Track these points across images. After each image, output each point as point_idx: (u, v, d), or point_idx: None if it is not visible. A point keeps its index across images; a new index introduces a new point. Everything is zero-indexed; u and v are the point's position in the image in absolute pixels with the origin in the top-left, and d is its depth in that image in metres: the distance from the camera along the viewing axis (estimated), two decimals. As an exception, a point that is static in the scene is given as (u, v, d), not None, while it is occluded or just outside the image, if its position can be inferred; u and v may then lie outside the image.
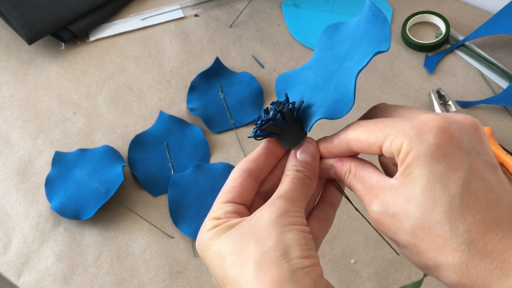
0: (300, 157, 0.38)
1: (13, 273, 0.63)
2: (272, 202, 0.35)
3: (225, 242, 0.35)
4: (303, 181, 0.37)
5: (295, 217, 0.35)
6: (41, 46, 0.81)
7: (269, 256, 0.32)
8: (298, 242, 0.33)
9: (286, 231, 0.33)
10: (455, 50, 0.77)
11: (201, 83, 0.75)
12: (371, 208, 0.35)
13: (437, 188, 0.31)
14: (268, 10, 0.83)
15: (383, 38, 0.35)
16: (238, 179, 0.38)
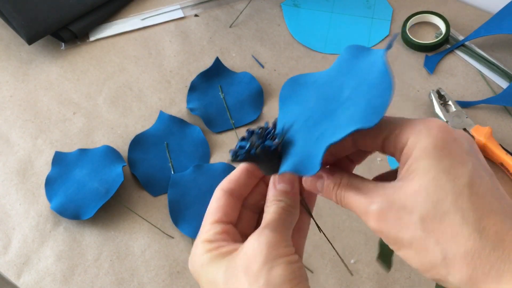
0: (279, 187, 0.39)
1: (13, 273, 0.63)
2: (260, 233, 0.36)
3: (217, 273, 0.36)
4: (286, 209, 0.38)
5: (284, 247, 0.35)
6: (41, 46, 0.81)
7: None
8: (287, 278, 0.34)
9: (275, 266, 0.34)
10: (455, 50, 0.77)
11: (201, 83, 0.75)
12: (372, 208, 0.34)
13: (446, 179, 0.31)
14: (268, 10, 0.83)
15: (375, 112, 0.32)
16: (221, 199, 0.39)
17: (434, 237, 0.31)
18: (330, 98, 0.37)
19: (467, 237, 0.30)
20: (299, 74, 0.41)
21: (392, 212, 0.32)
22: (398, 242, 0.33)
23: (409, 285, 0.61)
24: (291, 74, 0.76)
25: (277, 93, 0.75)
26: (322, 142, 0.34)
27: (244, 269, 0.35)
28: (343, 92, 0.36)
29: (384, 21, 0.81)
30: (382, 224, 0.33)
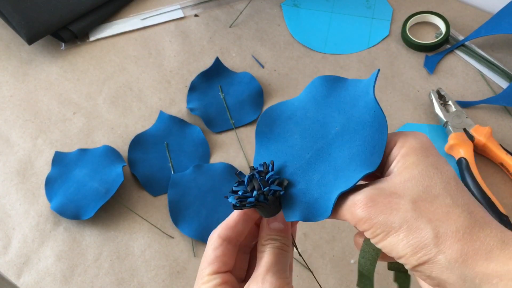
0: (273, 225, 0.39)
1: (13, 273, 0.63)
2: (263, 278, 0.36)
3: None
4: (282, 249, 0.38)
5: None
6: (41, 46, 0.81)
7: None
8: None
9: None
10: (455, 50, 0.77)
11: (201, 83, 0.75)
12: (359, 197, 0.33)
13: (434, 171, 0.33)
14: (268, 10, 0.83)
15: (376, 152, 0.34)
16: (219, 248, 0.39)
17: (425, 217, 0.32)
18: (317, 136, 0.37)
19: (458, 215, 0.32)
20: (271, 106, 0.39)
21: (382, 198, 0.33)
22: (388, 226, 0.32)
23: (409, 285, 0.61)
24: (291, 74, 0.76)
25: (277, 93, 0.75)
26: (329, 189, 0.35)
27: None
28: (330, 128, 0.36)
29: (384, 21, 0.81)
30: (371, 209, 0.33)
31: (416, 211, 0.32)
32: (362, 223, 0.33)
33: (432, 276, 0.32)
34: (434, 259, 0.31)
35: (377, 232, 0.33)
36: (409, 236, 0.32)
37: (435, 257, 0.31)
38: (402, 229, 0.32)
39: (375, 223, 0.33)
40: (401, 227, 0.32)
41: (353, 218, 0.34)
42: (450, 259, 0.31)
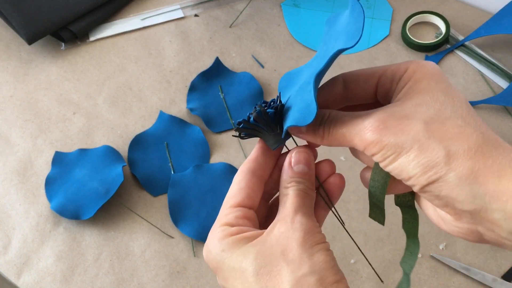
0: (297, 168, 0.37)
1: (13, 273, 0.63)
2: (292, 218, 0.35)
3: (245, 259, 0.34)
4: (307, 192, 0.37)
5: (318, 233, 0.35)
6: (41, 46, 0.81)
7: (305, 281, 0.32)
8: (330, 265, 0.33)
9: (316, 253, 0.33)
10: (455, 50, 0.77)
11: (201, 83, 0.75)
12: (368, 121, 0.33)
13: (445, 96, 0.33)
14: (268, 10, 0.83)
15: (354, 33, 0.33)
16: (243, 180, 0.38)
17: (437, 137, 0.32)
18: (319, 61, 0.37)
19: (470, 134, 0.31)
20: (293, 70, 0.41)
21: (392, 120, 0.33)
22: (399, 147, 0.32)
23: (409, 285, 0.61)
24: (291, 74, 0.76)
25: (277, 93, 0.75)
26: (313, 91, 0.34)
27: (281, 256, 0.33)
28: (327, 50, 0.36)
29: (384, 21, 0.81)
30: (382, 131, 0.32)
31: (427, 132, 0.32)
32: (372, 146, 0.33)
33: (441, 195, 0.31)
34: (445, 177, 0.31)
35: (387, 154, 0.32)
36: (420, 156, 0.31)
37: (446, 175, 0.31)
38: (413, 149, 0.32)
39: (385, 144, 0.32)
40: (412, 147, 0.32)
41: (363, 142, 0.33)
42: (461, 176, 0.31)
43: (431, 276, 0.61)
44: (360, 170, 0.40)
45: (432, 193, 0.32)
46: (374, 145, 0.33)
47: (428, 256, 0.62)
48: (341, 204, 0.66)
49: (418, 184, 0.32)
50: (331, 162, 0.39)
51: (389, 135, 0.32)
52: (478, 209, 0.31)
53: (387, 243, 0.63)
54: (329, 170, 0.39)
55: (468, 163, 0.31)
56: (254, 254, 0.34)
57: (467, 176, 0.30)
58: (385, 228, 0.64)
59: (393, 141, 0.32)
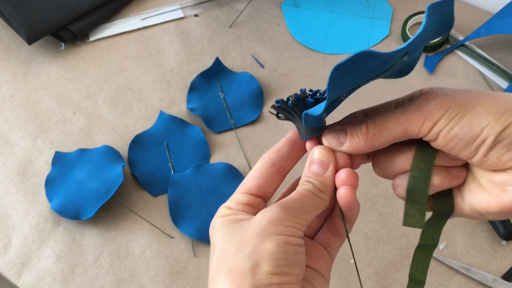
0: (312, 167, 0.36)
1: (13, 273, 0.63)
2: (269, 208, 0.34)
3: (221, 236, 0.34)
4: (311, 192, 0.35)
5: (287, 226, 0.33)
6: (41, 46, 0.81)
7: (240, 266, 0.31)
8: (273, 255, 0.31)
9: (267, 241, 0.32)
10: (455, 50, 0.77)
11: (201, 83, 0.75)
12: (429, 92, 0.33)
13: None
14: (268, 10, 0.83)
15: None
16: (259, 170, 0.37)
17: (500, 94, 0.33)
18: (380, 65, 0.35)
19: None
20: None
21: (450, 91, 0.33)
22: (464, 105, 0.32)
23: (409, 285, 0.61)
24: (291, 74, 0.76)
25: (277, 93, 0.75)
26: None
27: (239, 238, 0.33)
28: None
29: (384, 21, 0.81)
30: (444, 95, 0.33)
31: (487, 92, 0.32)
32: (436, 110, 0.33)
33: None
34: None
35: (453, 115, 0.32)
36: (489, 106, 0.32)
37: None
38: (480, 103, 0.32)
39: (450, 105, 0.32)
40: (478, 102, 0.32)
41: (423, 112, 0.33)
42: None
43: (431, 276, 0.61)
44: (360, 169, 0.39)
45: (504, 142, 0.32)
46: (438, 108, 0.33)
47: (428, 256, 0.62)
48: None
49: (493, 132, 0.31)
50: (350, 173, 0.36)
51: (451, 97, 0.33)
52: None
53: (387, 243, 0.63)
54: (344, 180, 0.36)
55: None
56: (227, 234, 0.34)
57: None
58: (385, 228, 0.64)
59: (458, 100, 0.32)
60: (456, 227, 0.64)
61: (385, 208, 0.65)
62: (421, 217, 0.36)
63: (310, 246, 0.37)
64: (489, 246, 0.62)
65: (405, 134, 0.34)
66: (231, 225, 0.34)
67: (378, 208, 0.65)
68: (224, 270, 0.32)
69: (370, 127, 0.35)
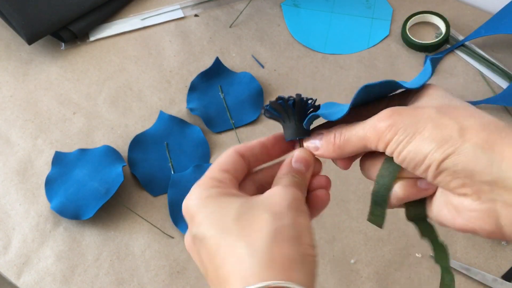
0: (295, 165, 0.39)
1: (13, 273, 0.63)
2: (285, 186, 0.36)
3: (229, 206, 0.34)
4: (297, 185, 0.38)
5: (305, 206, 0.36)
6: (41, 46, 0.81)
7: (285, 231, 0.33)
8: (309, 230, 0.34)
9: (301, 215, 0.34)
10: (455, 50, 0.77)
11: (201, 83, 0.75)
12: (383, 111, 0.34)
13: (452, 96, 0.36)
14: (268, 10, 0.83)
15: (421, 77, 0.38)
16: (232, 156, 0.39)
17: (450, 116, 0.33)
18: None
19: (482, 116, 0.33)
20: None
21: (406, 110, 0.34)
22: (413, 128, 0.33)
23: (409, 285, 0.61)
24: (291, 74, 0.76)
25: (277, 93, 0.75)
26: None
27: (266, 208, 0.34)
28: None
29: (384, 21, 0.81)
30: (396, 117, 0.34)
31: (440, 113, 0.33)
32: (387, 131, 0.34)
33: (457, 170, 0.32)
34: (460, 148, 0.31)
35: (401, 138, 0.33)
36: (434, 132, 0.32)
37: (461, 147, 0.31)
38: (426, 128, 0.33)
39: (399, 128, 0.33)
40: (425, 126, 0.33)
41: (377, 132, 0.34)
42: (476, 146, 0.31)
43: (431, 276, 0.61)
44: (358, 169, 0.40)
45: (448, 171, 0.32)
46: (388, 130, 0.33)
47: (428, 256, 0.62)
48: (341, 204, 0.66)
49: (434, 161, 0.32)
50: (327, 179, 0.40)
51: (403, 119, 0.33)
52: (496, 179, 0.31)
53: (387, 243, 0.63)
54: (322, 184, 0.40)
55: (482, 134, 0.31)
56: (239, 203, 0.35)
57: (482, 146, 0.31)
58: (385, 228, 0.64)
59: (407, 123, 0.33)
60: (456, 227, 0.64)
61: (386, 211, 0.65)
62: (381, 219, 0.40)
63: None
64: (489, 246, 0.62)
65: (366, 148, 0.36)
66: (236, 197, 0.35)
67: (378, 208, 0.65)
68: (264, 235, 0.32)
69: (336, 137, 0.37)
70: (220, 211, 0.34)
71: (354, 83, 0.75)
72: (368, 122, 0.35)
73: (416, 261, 0.62)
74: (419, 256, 0.62)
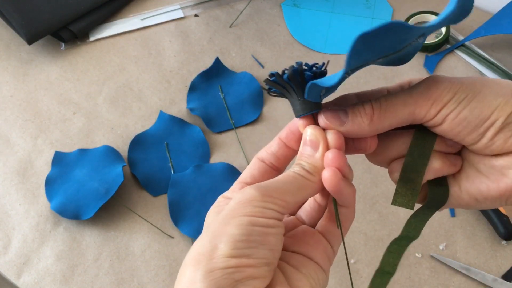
0: (301, 149, 0.34)
1: (13, 273, 0.63)
2: (244, 189, 0.32)
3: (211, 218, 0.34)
4: (298, 173, 0.33)
5: (256, 207, 0.30)
6: (41, 46, 0.81)
7: (199, 251, 0.30)
8: (232, 237, 0.29)
9: (229, 223, 0.30)
10: (455, 50, 0.77)
11: (201, 83, 0.75)
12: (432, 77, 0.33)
13: None
14: (268, 10, 0.83)
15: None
16: (252, 163, 0.37)
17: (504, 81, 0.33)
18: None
19: None
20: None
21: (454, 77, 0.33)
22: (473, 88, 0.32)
23: (409, 285, 0.61)
24: (291, 74, 0.76)
25: (277, 93, 0.75)
26: None
27: (210, 222, 0.32)
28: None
29: (384, 21, 0.81)
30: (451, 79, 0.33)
31: (492, 78, 0.33)
32: (445, 93, 0.32)
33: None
34: None
35: (462, 97, 0.32)
36: (496, 88, 0.32)
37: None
38: (486, 86, 0.32)
39: (459, 87, 0.32)
40: (484, 85, 0.32)
41: (431, 94, 0.32)
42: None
43: (431, 276, 0.61)
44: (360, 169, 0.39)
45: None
46: (447, 91, 0.32)
47: (428, 256, 0.62)
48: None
49: (503, 114, 0.32)
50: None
51: (459, 81, 0.32)
52: None
53: (387, 243, 0.63)
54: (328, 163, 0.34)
55: None
56: (209, 222, 0.33)
57: None
58: (385, 228, 0.64)
59: (467, 83, 0.32)
60: (456, 227, 0.64)
61: (385, 208, 0.65)
62: (412, 198, 0.35)
63: (307, 233, 0.36)
64: (489, 246, 0.62)
65: (411, 117, 0.33)
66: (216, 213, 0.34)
67: (378, 208, 0.65)
68: (190, 257, 0.30)
69: (376, 108, 0.33)
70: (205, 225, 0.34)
71: (354, 83, 0.75)
72: (417, 89, 0.33)
73: (416, 261, 0.62)
74: (419, 256, 0.62)
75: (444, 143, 0.35)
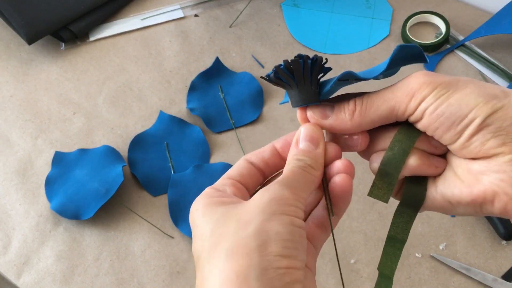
0: (302, 145, 0.35)
1: (13, 273, 0.63)
2: (267, 187, 0.31)
3: (210, 219, 0.31)
4: (304, 169, 0.33)
5: (291, 206, 0.30)
6: (41, 46, 0.81)
7: (244, 244, 0.28)
8: (282, 236, 0.29)
9: (272, 219, 0.29)
10: (455, 50, 0.77)
11: (201, 83, 0.75)
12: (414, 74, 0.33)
13: None
14: (268, 10, 0.83)
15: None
16: (240, 164, 0.36)
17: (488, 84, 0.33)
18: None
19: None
20: None
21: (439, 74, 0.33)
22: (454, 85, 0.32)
23: (409, 285, 0.61)
24: (291, 74, 0.76)
25: (277, 93, 0.75)
26: None
27: (237, 218, 0.30)
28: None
29: (384, 21, 0.81)
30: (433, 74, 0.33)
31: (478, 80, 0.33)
32: (424, 87, 0.32)
33: (502, 126, 0.31)
34: (509, 105, 0.31)
35: (442, 92, 0.32)
36: (478, 89, 0.32)
37: (509, 103, 0.31)
38: (469, 86, 0.32)
39: (440, 83, 0.32)
40: (467, 85, 0.32)
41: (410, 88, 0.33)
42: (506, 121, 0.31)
43: (431, 276, 0.61)
44: (360, 169, 0.39)
45: (491, 127, 0.31)
46: (426, 86, 0.32)
47: (428, 256, 0.62)
48: (341, 204, 0.66)
49: (481, 114, 0.31)
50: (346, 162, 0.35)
51: (441, 77, 0.32)
52: None
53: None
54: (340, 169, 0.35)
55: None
56: (218, 215, 0.31)
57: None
58: (385, 228, 0.64)
59: (447, 80, 0.32)
60: (456, 227, 0.64)
61: (385, 208, 0.65)
62: (387, 191, 0.35)
63: None
64: (489, 246, 0.62)
65: (392, 112, 0.34)
66: (221, 207, 0.32)
67: (378, 208, 0.65)
68: (223, 251, 0.29)
69: (358, 104, 0.34)
70: (202, 226, 0.31)
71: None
72: (397, 84, 0.34)
73: (416, 261, 0.62)
74: (419, 256, 0.62)
75: (429, 143, 0.35)
